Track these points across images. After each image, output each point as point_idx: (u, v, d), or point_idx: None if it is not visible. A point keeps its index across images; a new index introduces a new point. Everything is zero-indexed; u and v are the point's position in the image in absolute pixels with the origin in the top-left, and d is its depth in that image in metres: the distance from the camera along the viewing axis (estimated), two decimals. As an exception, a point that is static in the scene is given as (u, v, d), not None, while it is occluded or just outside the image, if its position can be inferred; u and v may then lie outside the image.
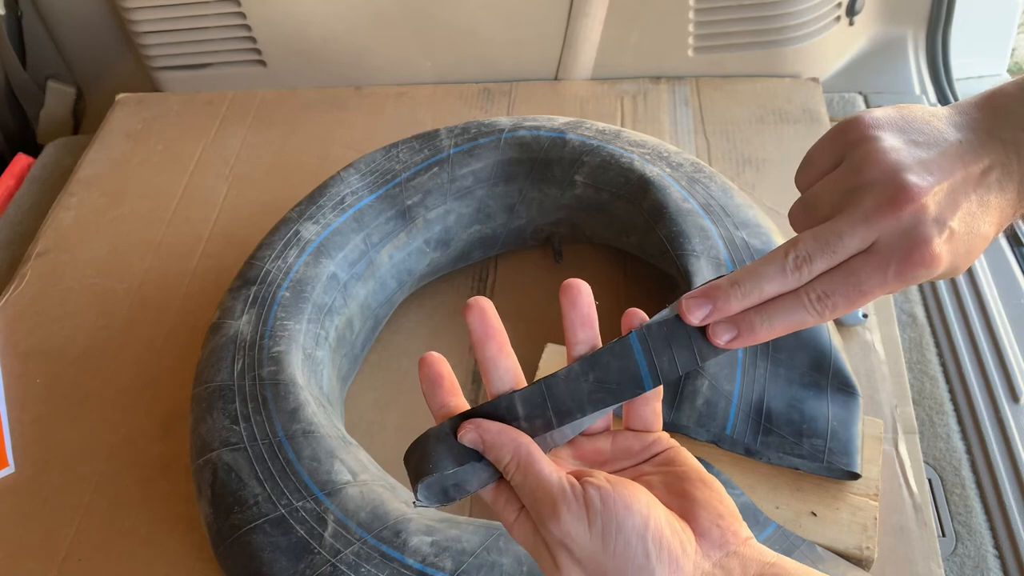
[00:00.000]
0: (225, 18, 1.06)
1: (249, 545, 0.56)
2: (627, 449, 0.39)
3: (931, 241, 0.34)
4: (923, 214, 0.35)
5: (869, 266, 0.35)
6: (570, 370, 0.36)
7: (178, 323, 0.82)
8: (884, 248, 0.35)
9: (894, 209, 0.34)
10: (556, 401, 0.35)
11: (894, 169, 0.35)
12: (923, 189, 0.35)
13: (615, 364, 0.36)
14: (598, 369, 0.36)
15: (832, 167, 0.39)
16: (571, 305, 0.38)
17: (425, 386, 0.38)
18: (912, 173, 0.35)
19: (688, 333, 0.36)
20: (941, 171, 0.36)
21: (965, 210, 0.36)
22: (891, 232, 0.35)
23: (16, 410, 0.77)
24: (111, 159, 1.02)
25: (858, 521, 0.59)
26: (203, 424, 0.62)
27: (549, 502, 0.33)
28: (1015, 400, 0.76)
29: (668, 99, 1.01)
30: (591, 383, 0.35)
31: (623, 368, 0.35)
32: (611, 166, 0.76)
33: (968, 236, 0.36)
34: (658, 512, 0.33)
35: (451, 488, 0.36)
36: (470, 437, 0.35)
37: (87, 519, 0.69)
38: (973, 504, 0.69)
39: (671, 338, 0.36)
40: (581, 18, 1.01)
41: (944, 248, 0.35)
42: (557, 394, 0.35)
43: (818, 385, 0.64)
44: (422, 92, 1.06)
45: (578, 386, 0.35)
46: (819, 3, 0.99)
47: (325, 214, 0.74)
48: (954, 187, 0.36)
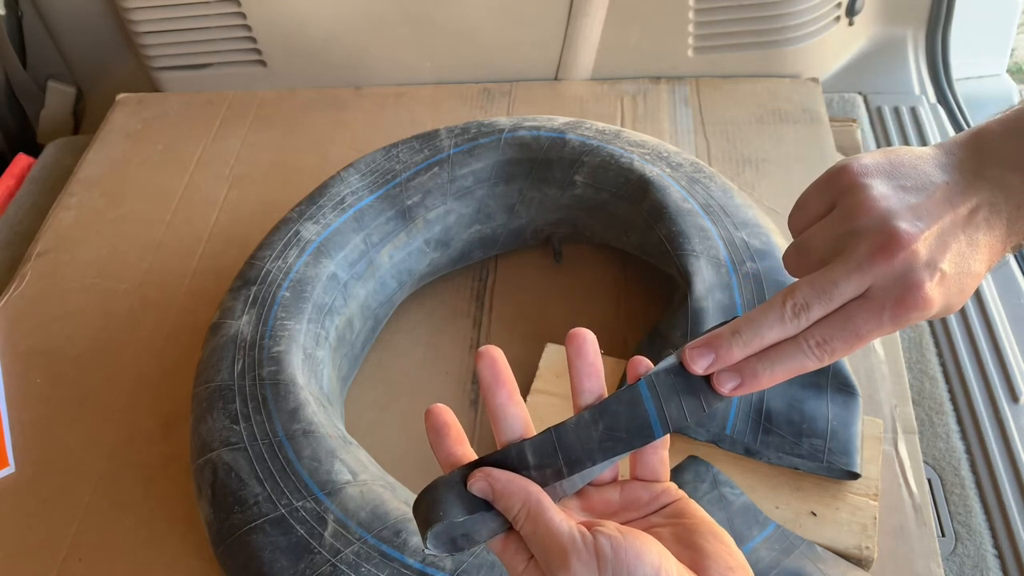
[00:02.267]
0: (225, 18, 1.06)
1: (249, 545, 0.56)
2: (636, 500, 0.39)
3: (923, 285, 0.35)
4: (915, 260, 0.36)
5: (865, 312, 0.36)
6: (580, 418, 0.36)
7: (178, 323, 0.82)
8: (878, 294, 0.36)
9: (887, 256, 0.36)
10: (567, 450, 0.35)
11: (885, 216, 0.36)
12: (913, 235, 0.36)
13: (625, 412, 0.36)
14: (608, 417, 0.36)
15: (824, 212, 0.40)
16: (577, 354, 0.38)
17: (432, 436, 0.38)
18: (902, 219, 0.36)
19: (694, 380, 0.37)
20: (930, 215, 0.37)
21: (955, 251, 0.37)
22: (885, 278, 0.36)
23: (16, 410, 0.77)
24: (111, 159, 1.02)
25: (858, 521, 0.60)
26: (203, 424, 0.62)
27: (559, 552, 0.33)
28: (1014, 400, 0.76)
29: (668, 99, 1.01)
30: (601, 431, 0.36)
31: (633, 416, 0.36)
32: (611, 166, 0.76)
33: (959, 276, 0.37)
34: (669, 563, 0.33)
35: (460, 537, 0.35)
36: (479, 486, 0.35)
37: (87, 519, 0.69)
38: (973, 504, 0.69)
39: (678, 386, 0.36)
40: (581, 18, 1.01)
41: (937, 291, 0.36)
42: (567, 442, 0.36)
43: (818, 385, 0.64)
44: (422, 92, 1.06)
45: (588, 435, 0.36)
46: (819, 3, 0.99)
47: (325, 214, 0.74)
48: (943, 230, 0.37)
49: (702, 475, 0.59)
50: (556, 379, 0.70)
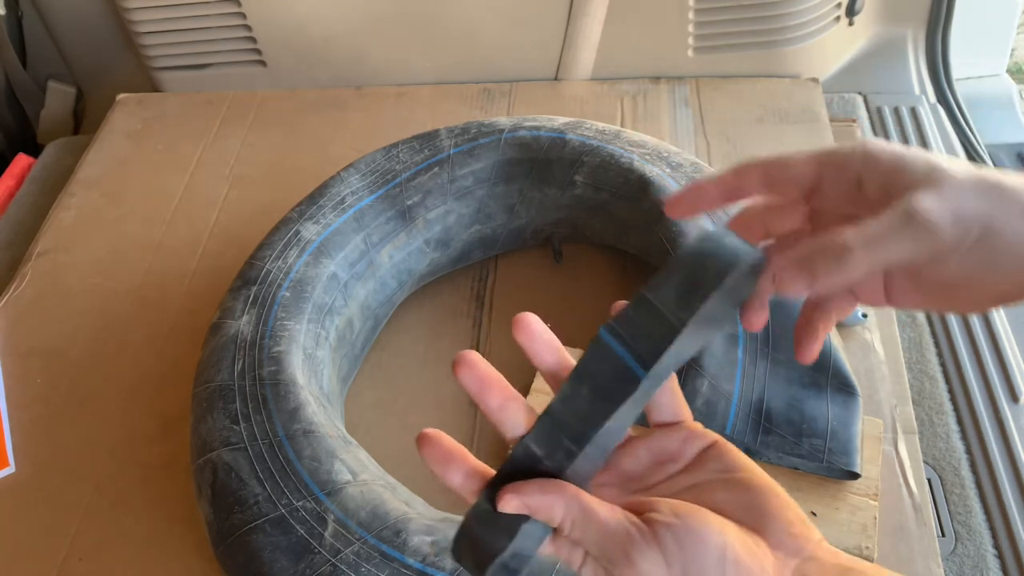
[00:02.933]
0: (225, 18, 1.06)
1: (249, 545, 0.56)
2: (665, 450, 0.37)
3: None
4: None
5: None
6: (562, 393, 0.34)
7: (178, 323, 0.82)
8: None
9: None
10: (565, 428, 0.34)
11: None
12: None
13: (600, 368, 0.34)
14: (587, 380, 0.34)
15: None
16: (528, 338, 0.37)
17: (436, 468, 0.37)
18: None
19: (658, 307, 0.34)
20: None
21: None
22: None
23: (16, 410, 0.77)
24: (111, 159, 1.02)
25: (858, 521, 0.60)
26: (203, 424, 0.62)
27: (619, 551, 0.32)
28: (1014, 400, 0.76)
29: (668, 99, 1.01)
30: (586, 396, 0.34)
31: (609, 368, 0.34)
32: (611, 166, 0.76)
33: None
34: (732, 537, 0.32)
35: (511, 561, 0.34)
36: (513, 505, 0.34)
37: (87, 519, 0.69)
38: (972, 504, 0.69)
39: (643, 320, 0.34)
40: (581, 18, 1.01)
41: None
42: (563, 421, 0.34)
43: (818, 385, 0.64)
44: (422, 92, 1.06)
45: (578, 404, 0.34)
46: (819, 3, 0.99)
47: (325, 214, 0.74)
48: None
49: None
50: (556, 379, 0.70)
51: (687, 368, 0.65)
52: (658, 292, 0.34)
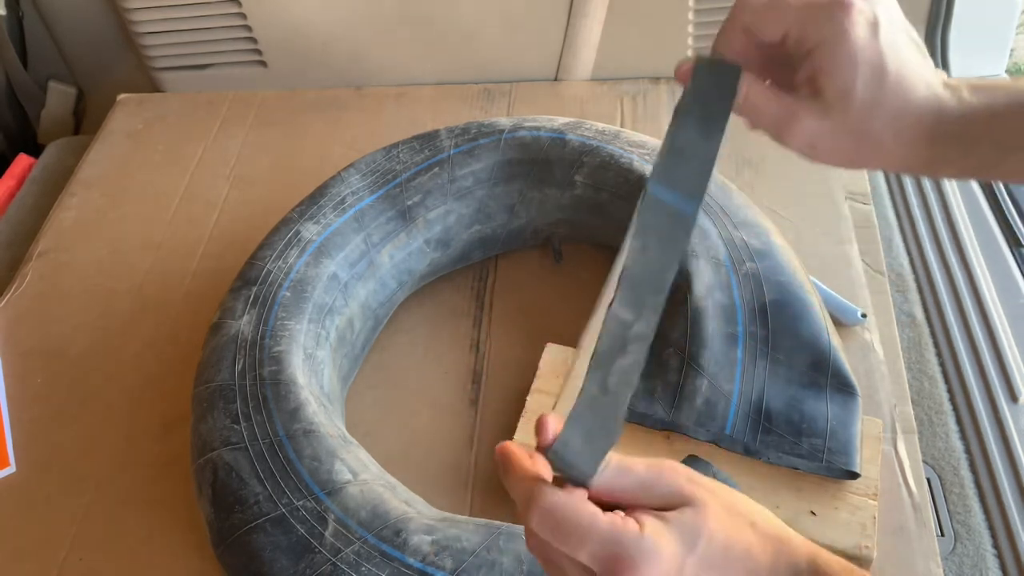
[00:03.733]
0: (226, 19, 1.06)
1: (250, 544, 0.56)
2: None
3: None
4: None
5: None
6: (631, 252, 0.36)
7: (179, 323, 0.82)
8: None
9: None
10: (645, 283, 0.36)
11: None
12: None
13: (656, 218, 0.36)
14: (648, 232, 0.36)
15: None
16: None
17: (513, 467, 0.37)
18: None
19: (688, 148, 0.37)
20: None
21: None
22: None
23: (17, 410, 0.77)
24: (112, 159, 1.02)
25: (857, 520, 0.60)
26: (204, 423, 0.62)
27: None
28: (1014, 400, 0.76)
29: (668, 99, 1.01)
30: (654, 247, 0.36)
31: (664, 215, 0.36)
32: (611, 166, 0.76)
33: None
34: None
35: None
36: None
37: (88, 518, 0.69)
38: (972, 504, 0.70)
39: (674, 163, 0.37)
40: (581, 18, 1.01)
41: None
42: (640, 277, 0.36)
43: (817, 385, 0.64)
44: (422, 92, 1.06)
45: (648, 258, 0.36)
46: (819, 4, 0.99)
47: (326, 214, 0.74)
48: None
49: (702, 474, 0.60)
50: (556, 379, 0.70)
51: (686, 368, 0.65)
52: (683, 136, 0.37)
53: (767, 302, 0.66)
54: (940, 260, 0.88)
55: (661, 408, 0.64)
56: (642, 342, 0.35)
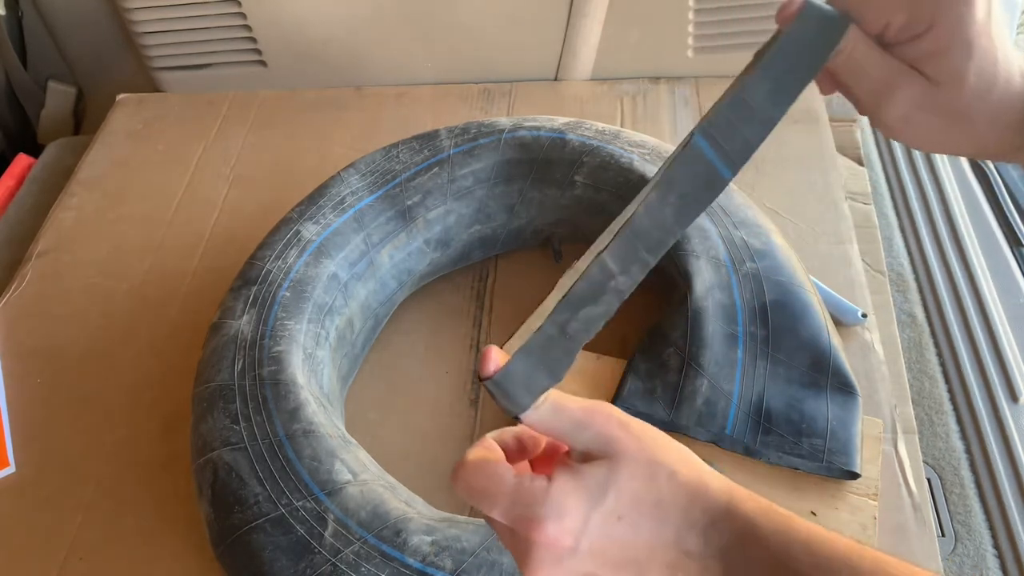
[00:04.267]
0: (226, 18, 1.06)
1: (249, 544, 0.56)
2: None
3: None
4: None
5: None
6: (647, 204, 0.34)
7: (179, 323, 0.82)
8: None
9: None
10: (645, 238, 0.34)
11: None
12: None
13: (689, 173, 0.34)
14: (675, 186, 0.34)
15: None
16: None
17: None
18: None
19: (748, 104, 0.34)
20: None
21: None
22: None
23: (17, 410, 0.77)
24: (112, 159, 1.02)
25: (857, 520, 0.60)
26: (204, 424, 0.62)
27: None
28: (1014, 400, 0.76)
29: (668, 99, 1.01)
30: (673, 203, 0.34)
31: (698, 172, 0.34)
32: (611, 166, 0.76)
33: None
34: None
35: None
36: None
37: (88, 519, 0.69)
38: (972, 504, 0.70)
39: (733, 119, 0.34)
40: (581, 18, 1.01)
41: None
42: (644, 231, 0.34)
43: (817, 385, 0.64)
44: (422, 92, 1.06)
45: (663, 214, 0.34)
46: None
47: (325, 214, 0.74)
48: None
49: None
50: (556, 379, 0.70)
51: (686, 368, 0.65)
52: (750, 91, 0.34)
53: (767, 302, 0.66)
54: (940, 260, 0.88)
55: (661, 408, 0.64)
56: (617, 295, 0.34)
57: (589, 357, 0.71)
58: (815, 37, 0.35)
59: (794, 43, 0.34)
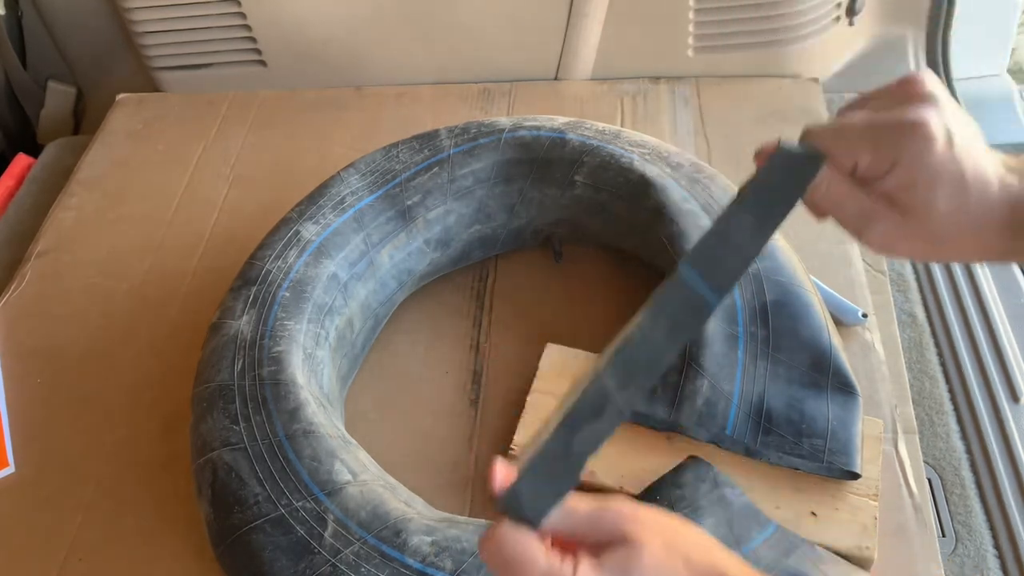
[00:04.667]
0: (225, 18, 1.06)
1: (249, 545, 0.56)
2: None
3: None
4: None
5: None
6: (640, 329, 0.36)
7: (179, 323, 0.82)
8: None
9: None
10: (641, 361, 0.36)
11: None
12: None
13: (677, 301, 0.36)
14: (664, 315, 0.36)
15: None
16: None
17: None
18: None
19: (736, 240, 0.36)
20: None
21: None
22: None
23: (16, 410, 0.77)
24: (112, 159, 1.02)
25: (858, 521, 0.60)
26: (203, 424, 0.62)
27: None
28: (1015, 400, 0.76)
29: (668, 99, 1.01)
30: (663, 329, 0.36)
31: (686, 300, 0.36)
32: (611, 166, 0.76)
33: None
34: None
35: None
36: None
37: (88, 519, 0.69)
38: (973, 504, 0.69)
39: (716, 251, 0.36)
40: (581, 18, 1.01)
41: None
42: (639, 354, 0.36)
43: (818, 385, 0.64)
44: (422, 92, 1.06)
45: (654, 339, 0.36)
46: (819, 3, 0.99)
47: (325, 214, 0.74)
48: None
49: (702, 475, 0.60)
50: (556, 379, 0.70)
51: (687, 368, 0.65)
52: (732, 225, 0.36)
53: (767, 302, 0.66)
54: (941, 260, 0.88)
55: (661, 408, 0.64)
56: (618, 415, 0.35)
57: (589, 357, 0.71)
58: (791, 175, 0.37)
59: (771, 181, 0.37)
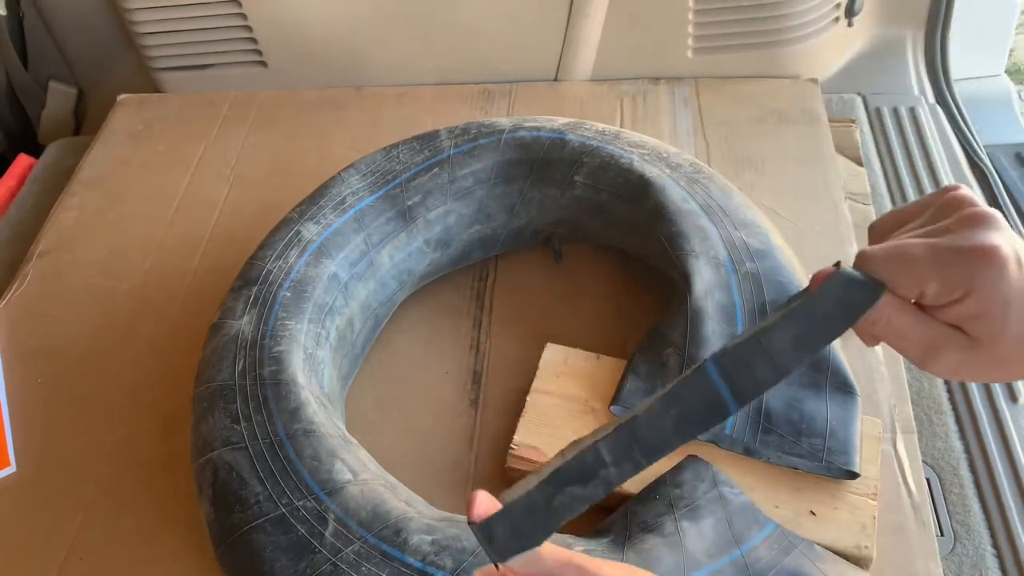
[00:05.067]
0: (226, 19, 1.06)
1: (250, 544, 0.56)
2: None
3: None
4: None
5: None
6: (651, 409, 0.35)
7: (179, 323, 0.82)
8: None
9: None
10: (641, 442, 0.35)
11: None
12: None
13: (694, 395, 0.35)
14: (677, 403, 0.35)
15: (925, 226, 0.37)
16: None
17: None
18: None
19: (769, 353, 0.35)
20: None
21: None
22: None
23: (17, 410, 0.77)
24: (112, 160, 1.02)
25: (857, 520, 0.60)
26: (204, 423, 0.62)
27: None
28: (1013, 400, 0.76)
29: (668, 100, 1.02)
30: (673, 418, 0.35)
31: (703, 397, 0.35)
32: (611, 167, 0.76)
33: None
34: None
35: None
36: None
37: (88, 518, 0.69)
38: (971, 503, 0.70)
39: (751, 360, 0.35)
40: (581, 18, 1.01)
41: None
42: (642, 436, 0.35)
43: (817, 385, 0.64)
44: (422, 93, 1.06)
45: (662, 424, 0.35)
46: (818, 4, 0.99)
47: (326, 214, 0.74)
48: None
49: (701, 474, 0.60)
50: (556, 379, 0.70)
51: (687, 368, 0.65)
52: (772, 337, 0.35)
53: (767, 302, 0.67)
54: (940, 260, 0.88)
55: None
56: (605, 485, 0.35)
57: (589, 357, 0.71)
58: (845, 301, 0.36)
59: (823, 304, 0.35)
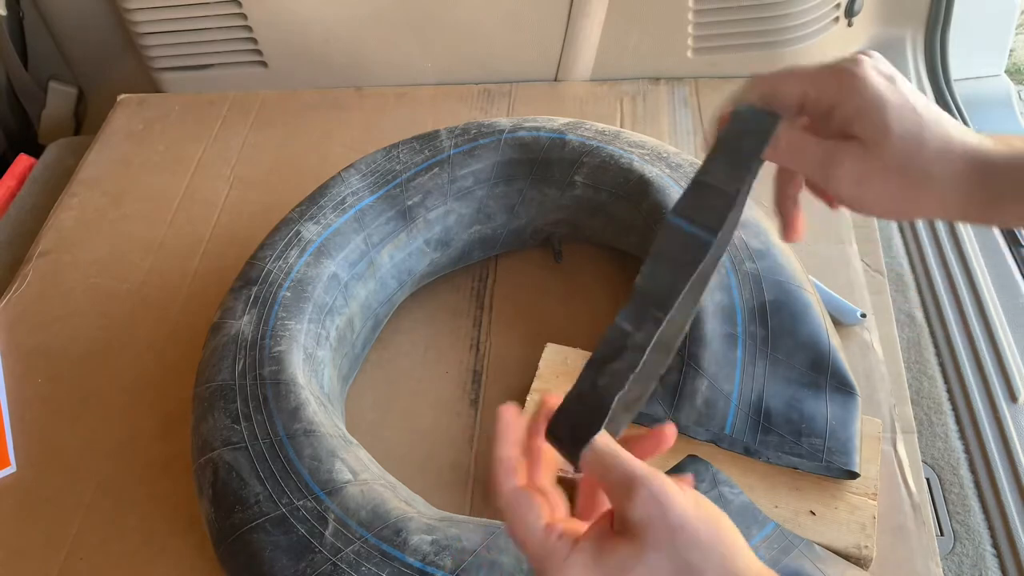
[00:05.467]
0: (226, 19, 1.06)
1: (250, 544, 0.56)
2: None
3: None
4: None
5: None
6: (643, 273, 0.38)
7: (179, 323, 0.82)
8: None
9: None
10: (651, 298, 0.37)
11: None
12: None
13: (673, 245, 0.38)
14: (663, 258, 0.38)
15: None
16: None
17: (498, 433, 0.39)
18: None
19: (714, 185, 0.39)
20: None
21: None
22: None
23: (18, 410, 0.77)
24: (112, 160, 1.02)
25: (856, 520, 0.60)
26: (204, 423, 0.62)
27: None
28: (1013, 400, 0.76)
29: (667, 100, 1.02)
30: (666, 268, 0.38)
31: (681, 243, 0.38)
32: (610, 166, 0.76)
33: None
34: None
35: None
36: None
37: (88, 518, 0.69)
38: (971, 503, 0.70)
39: (699, 197, 0.39)
40: (581, 19, 1.01)
41: None
42: (649, 293, 0.37)
43: (817, 385, 0.64)
44: (422, 93, 1.07)
45: (659, 277, 0.38)
46: (818, 4, 0.99)
47: (326, 214, 0.74)
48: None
49: (701, 474, 0.60)
50: (556, 379, 0.70)
51: (686, 368, 0.65)
52: (708, 172, 0.40)
53: (766, 302, 0.67)
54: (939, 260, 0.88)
55: (661, 408, 0.64)
56: (637, 351, 0.37)
57: (589, 357, 0.71)
58: (751, 130, 0.40)
59: (736, 132, 0.40)
